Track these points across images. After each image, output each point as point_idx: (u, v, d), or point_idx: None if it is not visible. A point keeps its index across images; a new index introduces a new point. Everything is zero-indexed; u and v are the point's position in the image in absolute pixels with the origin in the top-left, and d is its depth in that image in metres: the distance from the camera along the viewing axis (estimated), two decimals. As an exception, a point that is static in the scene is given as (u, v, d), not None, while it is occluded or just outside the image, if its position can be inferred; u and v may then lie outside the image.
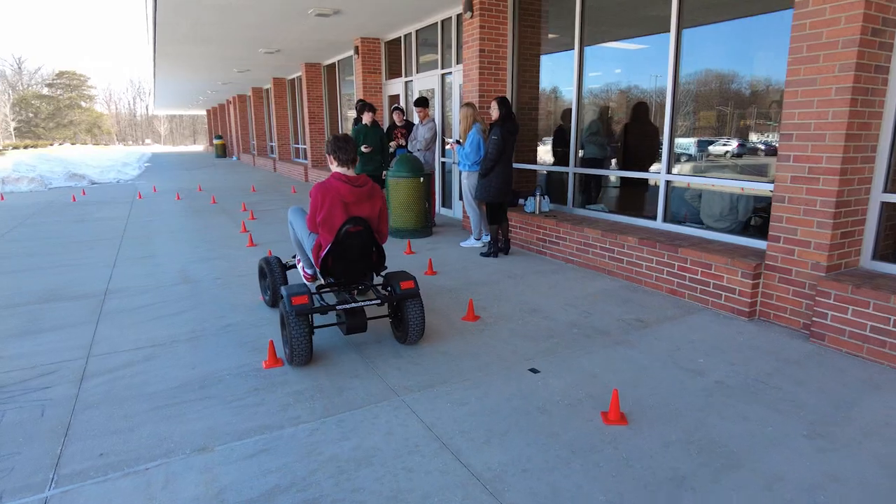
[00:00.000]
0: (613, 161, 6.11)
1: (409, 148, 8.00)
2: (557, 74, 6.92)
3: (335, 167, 3.58)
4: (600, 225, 5.68)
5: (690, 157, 5.27)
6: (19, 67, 74.18)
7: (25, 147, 32.35)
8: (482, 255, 6.27)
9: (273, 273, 4.35)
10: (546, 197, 6.60)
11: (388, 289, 3.61)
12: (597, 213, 6.26)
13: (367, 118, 7.39)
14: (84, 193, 13.46)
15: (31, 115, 68.84)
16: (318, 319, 4.13)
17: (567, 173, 6.60)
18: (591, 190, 6.48)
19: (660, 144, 5.47)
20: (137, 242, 7.26)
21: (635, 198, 5.94)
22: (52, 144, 39.67)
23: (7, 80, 70.98)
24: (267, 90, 21.46)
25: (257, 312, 4.40)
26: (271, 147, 22.54)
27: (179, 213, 9.81)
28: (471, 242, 6.82)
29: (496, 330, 3.97)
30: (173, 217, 9.40)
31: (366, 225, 3.50)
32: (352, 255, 3.55)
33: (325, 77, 14.67)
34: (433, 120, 7.93)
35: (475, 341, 3.77)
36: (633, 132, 5.89)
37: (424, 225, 7.39)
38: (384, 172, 7.48)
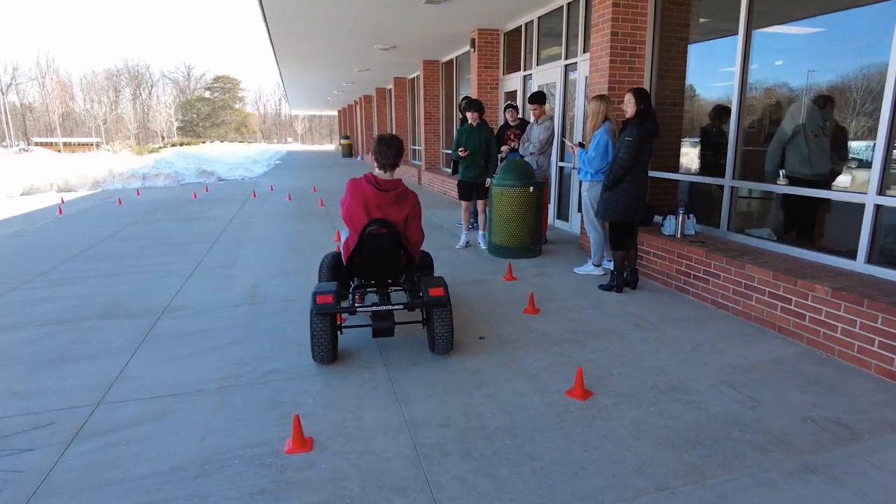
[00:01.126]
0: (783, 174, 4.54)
1: (521, 151, 6.89)
2: (711, 62, 5.43)
3: (375, 168, 3.56)
4: (770, 261, 4.18)
5: (918, 173, 3.64)
6: (188, 74, 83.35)
7: (181, 145, 35.65)
8: (601, 287, 5.00)
9: (321, 270, 4.20)
10: (691, 216, 5.17)
11: (420, 293, 3.48)
12: (762, 241, 4.73)
13: (471, 117, 6.39)
14: (207, 190, 13.92)
15: (193, 115, 76.90)
16: (351, 318, 3.99)
17: (722, 186, 5.11)
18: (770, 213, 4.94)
19: (848, 152, 3.89)
20: (226, 249, 6.87)
21: (816, 223, 4.36)
22: (203, 143, 43.55)
23: (178, 86, 79.99)
24: (389, 90, 21.34)
25: (309, 354, 3.56)
26: (391, 147, 22.38)
27: (283, 216, 9.50)
28: (588, 269, 5.56)
29: (613, 419, 2.76)
30: (275, 220, 9.08)
31: (391, 228, 3.43)
32: (377, 257, 3.53)
33: (443, 75, 13.93)
34: (551, 118, 6.73)
35: (580, 438, 2.59)
36: (808, 136, 4.31)
37: (533, 242, 6.24)
38: (487, 180, 6.44)
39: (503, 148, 6.91)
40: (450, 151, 12.29)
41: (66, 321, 4.27)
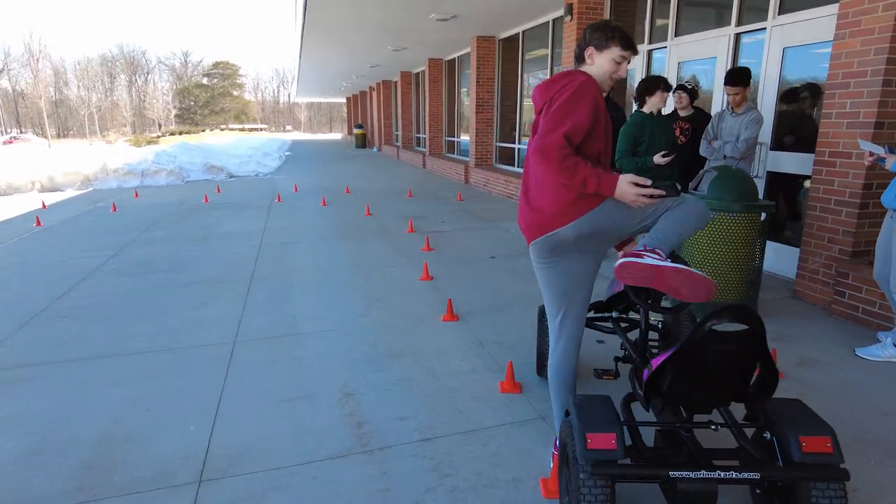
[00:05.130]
0: None
1: (703, 152, 4.70)
2: None
3: None
4: None
5: None
6: (185, 60, 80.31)
7: (180, 133, 33.24)
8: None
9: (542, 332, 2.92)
10: None
11: (772, 439, 1.84)
12: None
13: (657, 100, 4.17)
14: (218, 191, 11.66)
15: (191, 102, 74.10)
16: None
17: None
18: None
19: None
20: (270, 298, 4.66)
21: None
22: (203, 131, 41.09)
23: (175, 73, 77.06)
24: (418, 74, 19.04)
25: None
26: (418, 139, 20.18)
27: (326, 233, 7.27)
28: (890, 352, 3.38)
29: None
30: (320, 239, 6.86)
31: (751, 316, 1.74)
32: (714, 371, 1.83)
33: (500, 54, 11.68)
34: (756, 108, 4.53)
35: None
36: None
37: (748, 296, 4.05)
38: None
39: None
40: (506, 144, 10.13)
41: (1, 514, 2.09)
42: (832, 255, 4.20)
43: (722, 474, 1.76)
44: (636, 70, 7.08)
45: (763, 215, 3.86)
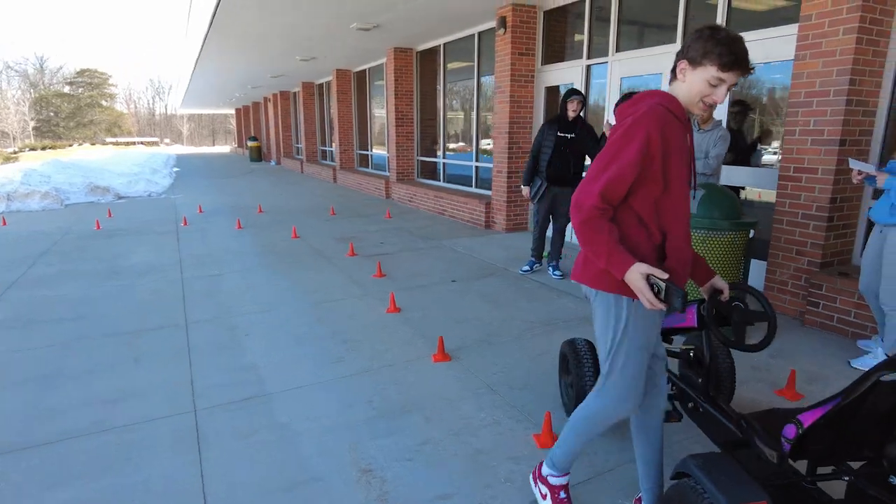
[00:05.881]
0: None
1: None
2: None
3: None
4: None
5: None
6: (41, 66, 72.02)
7: (43, 148, 29.49)
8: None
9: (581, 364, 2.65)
10: None
11: None
12: None
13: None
14: (110, 215, 10.28)
15: (51, 114, 66.59)
16: None
17: None
18: None
19: None
20: (214, 342, 3.98)
21: None
22: (70, 145, 36.95)
23: (29, 80, 68.82)
24: (322, 85, 18.28)
25: None
26: (323, 152, 19.37)
27: (256, 261, 6.53)
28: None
29: None
30: (251, 270, 6.12)
31: None
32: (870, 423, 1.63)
33: (418, 66, 11.40)
34: (721, 124, 4.59)
35: None
36: None
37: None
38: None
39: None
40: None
41: None
42: (801, 266, 4.31)
43: None
44: (575, 85, 7.08)
45: (751, 233, 3.86)
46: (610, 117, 5.72)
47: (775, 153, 4.94)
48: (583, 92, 6.15)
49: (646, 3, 6.08)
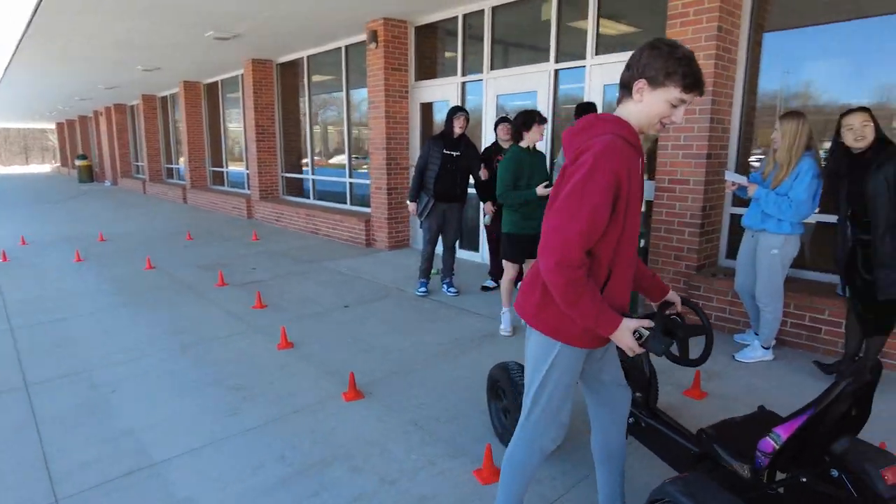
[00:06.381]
0: None
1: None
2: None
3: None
4: None
5: None
6: None
7: None
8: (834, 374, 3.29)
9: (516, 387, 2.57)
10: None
11: (840, 476, 1.72)
12: None
13: (535, 135, 4.09)
14: None
15: None
16: None
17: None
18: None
19: None
20: (72, 407, 3.29)
21: None
22: None
23: None
24: (166, 98, 16.67)
25: None
26: (170, 170, 17.66)
27: (108, 299, 5.63)
28: (758, 354, 3.83)
29: None
30: (104, 310, 5.25)
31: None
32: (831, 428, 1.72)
33: (279, 78, 10.81)
34: (601, 138, 4.83)
35: None
36: None
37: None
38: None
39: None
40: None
41: None
42: (680, 270, 4.66)
43: None
44: (451, 101, 7.12)
45: (641, 242, 4.07)
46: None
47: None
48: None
49: (518, 24, 6.29)
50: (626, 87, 1.68)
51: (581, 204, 1.56)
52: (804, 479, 1.82)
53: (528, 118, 4.02)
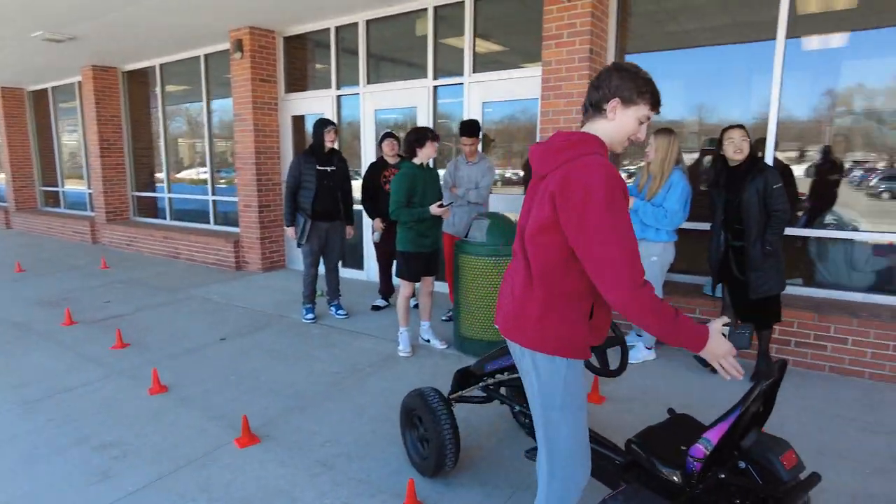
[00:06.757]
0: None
1: (447, 199, 4.85)
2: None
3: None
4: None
5: None
6: None
7: None
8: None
9: (437, 415, 2.50)
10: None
11: (747, 467, 1.91)
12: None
13: (429, 151, 4.04)
14: None
15: None
16: None
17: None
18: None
19: None
20: None
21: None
22: None
23: None
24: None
25: None
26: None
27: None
28: (643, 354, 4.11)
29: None
30: None
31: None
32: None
33: (127, 88, 9.75)
34: (486, 156, 4.93)
35: None
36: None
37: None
38: (456, 242, 4.21)
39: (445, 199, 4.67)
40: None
41: None
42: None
43: None
44: (326, 115, 6.87)
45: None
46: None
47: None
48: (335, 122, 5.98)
49: (395, 39, 6.25)
50: (596, 107, 1.72)
51: (614, 227, 1.54)
52: (722, 476, 1.93)
53: (421, 135, 3.97)
